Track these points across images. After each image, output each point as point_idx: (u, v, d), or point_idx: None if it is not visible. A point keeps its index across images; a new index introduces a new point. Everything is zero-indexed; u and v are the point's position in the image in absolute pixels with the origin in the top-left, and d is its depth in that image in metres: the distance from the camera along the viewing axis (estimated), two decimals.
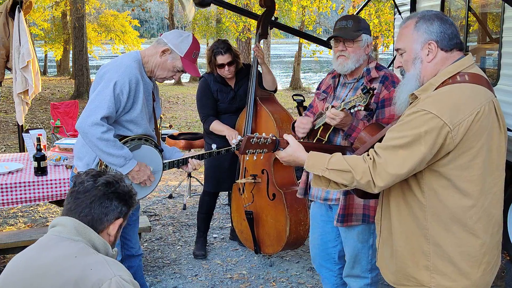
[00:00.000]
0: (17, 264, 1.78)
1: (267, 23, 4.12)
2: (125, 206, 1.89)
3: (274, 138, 2.11)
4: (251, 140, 2.06)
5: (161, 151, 2.92)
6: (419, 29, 1.91)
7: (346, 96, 2.79)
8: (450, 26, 1.90)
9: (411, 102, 1.95)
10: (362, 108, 2.43)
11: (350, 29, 2.70)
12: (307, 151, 2.07)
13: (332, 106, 2.59)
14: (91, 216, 1.81)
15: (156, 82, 3.02)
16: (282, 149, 2.12)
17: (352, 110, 2.48)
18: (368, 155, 1.89)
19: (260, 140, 2.07)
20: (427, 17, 1.92)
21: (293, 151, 2.08)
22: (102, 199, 1.83)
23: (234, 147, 3.16)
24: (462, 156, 1.80)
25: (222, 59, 4.01)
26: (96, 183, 1.84)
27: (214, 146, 3.14)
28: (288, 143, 2.11)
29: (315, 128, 2.78)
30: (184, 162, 3.01)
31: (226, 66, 4.02)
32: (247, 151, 2.09)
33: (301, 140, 2.93)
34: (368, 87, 2.38)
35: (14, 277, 1.74)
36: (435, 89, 1.88)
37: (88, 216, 1.81)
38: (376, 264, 2.22)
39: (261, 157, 2.14)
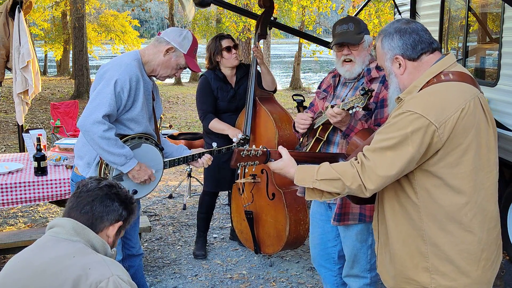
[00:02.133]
0: (15, 265, 1.77)
1: (266, 23, 4.13)
2: (125, 210, 1.90)
3: (265, 149, 2.11)
4: (241, 153, 2.06)
5: (161, 149, 2.93)
6: (384, 47, 1.99)
7: (346, 95, 2.79)
8: (410, 36, 1.94)
9: None
10: (360, 110, 2.43)
11: (352, 32, 2.68)
12: (301, 160, 2.07)
13: (333, 106, 2.59)
14: (92, 213, 1.83)
15: (156, 82, 3.03)
16: (273, 160, 2.12)
17: (350, 111, 2.49)
18: (356, 159, 1.90)
19: (250, 153, 2.07)
20: (387, 33, 1.97)
21: (284, 166, 2.09)
22: (104, 198, 1.85)
23: (235, 145, 3.17)
24: (451, 153, 1.81)
25: (227, 41, 4.08)
26: (100, 184, 1.88)
27: (214, 144, 3.15)
28: (280, 156, 2.11)
29: (314, 127, 2.78)
30: (184, 160, 3.02)
31: (233, 49, 4.07)
32: (238, 164, 2.09)
33: (302, 138, 2.94)
34: (367, 89, 2.38)
35: (12, 278, 1.74)
36: (420, 89, 1.90)
37: (89, 213, 1.83)
38: (377, 271, 2.22)
39: (253, 169, 2.15)
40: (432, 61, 1.94)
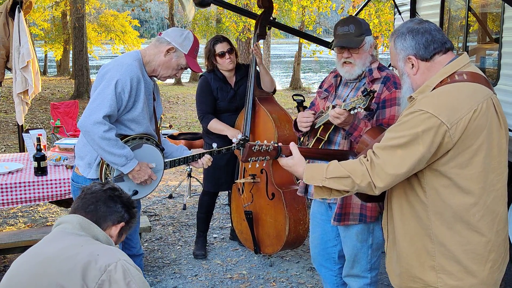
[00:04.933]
0: (22, 260, 1.85)
1: (265, 23, 4.13)
2: (127, 213, 2.01)
3: (276, 145, 2.10)
4: (253, 148, 2.05)
5: (162, 150, 2.93)
6: (397, 47, 1.98)
7: (348, 96, 2.78)
8: (422, 36, 1.93)
9: None
10: (362, 110, 2.43)
11: (353, 34, 2.66)
12: (311, 156, 2.06)
13: (334, 106, 2.58)
14: (96, 212, 1.93)
15: (156, 82, 3.03)
16: (284, 155, 2.12)
17: (352, 112, 2.48)
18: (365, 157, 1.90)
19: (262, 148, 2.07)
20: (400, 34, 1.97)
21: (293, 164, 2.09)
22: (108, 200, 1.97)
23: (234, 146, 3.17)
24: (462, 154, 1.81)
25: (221, 46, 4.04)
26: (103, 188, 2.01)
27: (214, 145, 3.15)
28: (291, 152, 2.11)
29: (315, 127, 2.77)
30: (185, 161, 3.02)
31: (227, 54, 4.04)
32: (249, 159, 2.08)
33: (302, 138, 2.93)
34: (369, 89, 2.38)
35: (22, 269, 1.81)
36: (433, 89, 1.90)
37: (93, 212, 1.93)
38: (386, 270, 2.22)
39: (264, 164, 2.14)
40: (445, 61, 1.93)
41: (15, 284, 1.77)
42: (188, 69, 2.97)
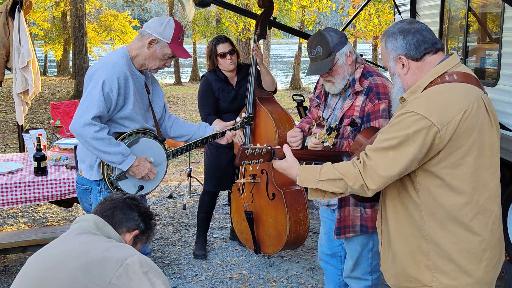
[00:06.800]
0: (39, 255, 1.90)
1: (266, 23, 4.12)
2: (143, 222, 2.06)
3: (269, 148, 2.13)
4: (246, 151, 2.08)
5: (162, 141, 2.91)
6: (388, 48, 1.99)
7: (336, 104, 2.78)
8: (413, 36, 1.93)
9: None
10: (331, 146, 2.49)
11: (321, 56, 2.60)
12: (305, 158, 2.08)
13: (320, 126, 2.65)
14: (112, 217, 2.00)
15: (154, 76, 3.01)
16: (277, 158, 2.13)
17: (325, 144, 2.54)
18: (358, 159, 1.91)
19: (255, 151, 2.09)
20: (391, 34, 1.98)
21: (287, 167, 2.09)
22: (125, 207, 2.03)
23: (238, 125, 3.21)
24: (453, 154, 1.81)
25: (223, 47, 4.04)
26: (123, 196, 2.09)
27: (216, 127, 3.17)
28: (284, 155, 2.12)
29: (305, 145, 2.80)
30: (188, 148, 3.01)
31: (228, 54, 4.03)
32: (242, 162, 2.10)
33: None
34: (331, 127, 2.44)
35: (36, 264, 1.85)
36: (424, 89, 1.91)
37: (109, 217, 2.00)
38: (380, 269, 2.22)
39: (257, 167, 2.17)
40: (435, 62, 1.93)
41: (32, 278, 1.81)
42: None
